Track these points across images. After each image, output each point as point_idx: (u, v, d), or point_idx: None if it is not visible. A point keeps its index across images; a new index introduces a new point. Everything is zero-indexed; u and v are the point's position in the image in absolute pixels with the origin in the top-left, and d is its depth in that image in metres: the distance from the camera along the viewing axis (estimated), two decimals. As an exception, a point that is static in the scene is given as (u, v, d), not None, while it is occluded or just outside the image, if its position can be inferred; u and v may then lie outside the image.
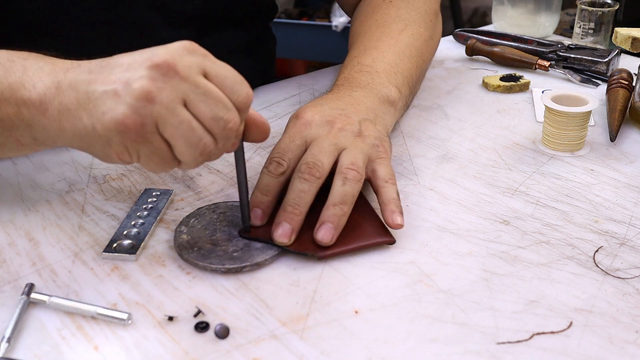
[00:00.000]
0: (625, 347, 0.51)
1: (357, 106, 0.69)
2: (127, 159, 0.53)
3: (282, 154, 0.63)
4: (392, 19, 0.83)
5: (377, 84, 0.74)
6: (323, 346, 0.50)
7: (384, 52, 0.79)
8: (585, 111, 0.77)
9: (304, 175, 0.60)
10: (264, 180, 0.62)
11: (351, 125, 0.65)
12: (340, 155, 0.63)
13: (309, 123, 0.65)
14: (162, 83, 0.50)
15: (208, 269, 0.58)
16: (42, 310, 0.54)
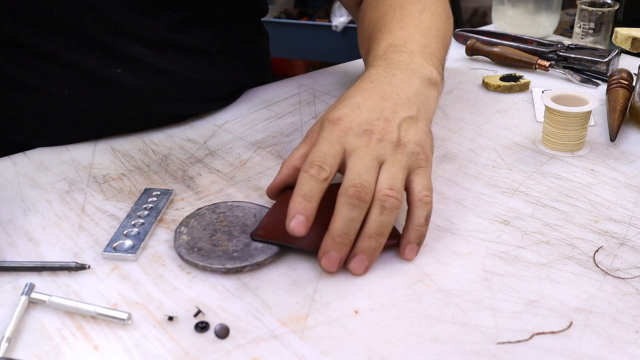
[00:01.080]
0: (625, 347, 0.51)
1: (399, 98, 0.65)
2: None
3: (323, 158, 0.58)
4: (408, 1, 0.80)
5: (416, 65, 0.69)
6: (323, 346, 0.50)
7: (412, 33, 0.74)
8: (585, 111, 0.77)
9: (353, 202, 0.57)
10: (306, 185, 0.57)
11: (390, 133, 0.61)
12: (380, 174, 0.59)
13: (348, 130, 0.60)
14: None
15: (208, 269, 0.58)
16: (42, 310, 0.54)
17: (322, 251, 0.57)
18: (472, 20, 3.24)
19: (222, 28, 0.87)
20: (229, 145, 0.80)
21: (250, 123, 0.86)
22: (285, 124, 0.86)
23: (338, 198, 0.57)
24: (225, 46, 0.88)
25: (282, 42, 1.36)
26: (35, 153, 0.78)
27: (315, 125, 0.65)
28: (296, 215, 0.56)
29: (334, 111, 0.62)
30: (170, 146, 0.80)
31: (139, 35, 0.79)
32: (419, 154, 0.62)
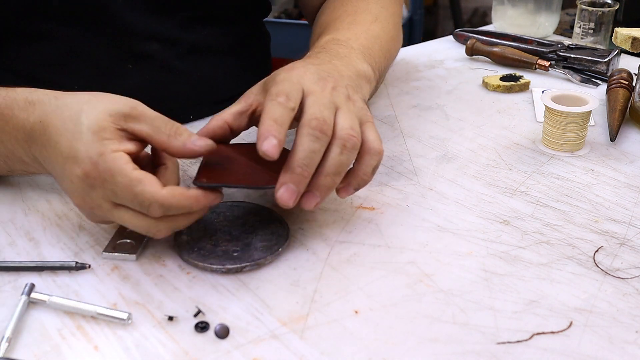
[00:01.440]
0: (625, 347, 0.51)
1: (339, 74, 0.66)
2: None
3: (288, 91, 0.58)
4: (362, 11, 0.82)
5: (353, 58, 0.71)
6: (323, 346, 0.50)
7: (358, 35, 0.77)
8: (585, 111, 0.77)
9: (315, 133, 0.56)
10: (276, 110, 0.57)
11: (341, 87, 0.62)
12: (337, 116, 0.59)
13: (303, 75, 0.61)
14: (98, 217, 0.58)
15: (208, 269, 0.58)
16: (42, 310, 0.54)
17: (280, 183, 0.56)
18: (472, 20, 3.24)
19: (228, 28, 0.88)
20: (229, 145, 0.80)
21: (250, 123, 0.86)
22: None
23: (299, 130, 0.57)
24: (231, 46, 0.90)
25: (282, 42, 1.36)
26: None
27: (254, 88, 0.65)
28: (269, 137, 0.55)
29: (285, 66, 0.63)
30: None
31: (152, 32, 0.80)
32: (366, 110, 0.63)
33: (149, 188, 0.53)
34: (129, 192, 0.53)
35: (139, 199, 0.53)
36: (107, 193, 0.54)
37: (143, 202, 0.53)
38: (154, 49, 0.81)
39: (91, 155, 0.53)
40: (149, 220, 0.55)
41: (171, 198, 0.54)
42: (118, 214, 0.55)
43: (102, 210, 0.56)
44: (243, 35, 0.92)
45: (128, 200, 0.54)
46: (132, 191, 0.53)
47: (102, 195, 0.54)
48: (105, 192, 0.54)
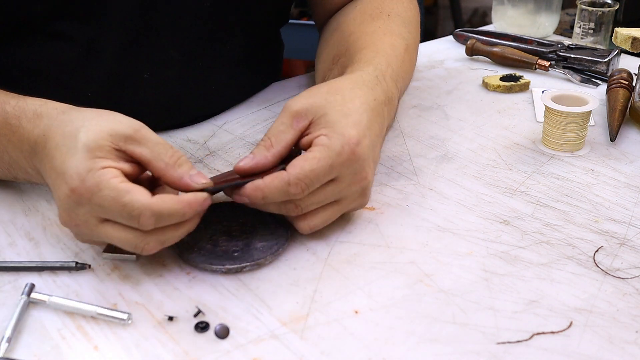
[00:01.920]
0: (625, 347, 0.51)
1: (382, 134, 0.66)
2: None
3: (311, 183, 0.57)
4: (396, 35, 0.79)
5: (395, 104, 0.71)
6: (323, 346, 0.50)
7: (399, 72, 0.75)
8: (585, 111, 0.77)
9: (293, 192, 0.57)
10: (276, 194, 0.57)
11: (368, 182, 0.61)
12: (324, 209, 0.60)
13: (352, 163, 0.59)
14: (80, 233, 0.56)
15: (208, 269, 0.58)
16: (42, 310, 0.54)
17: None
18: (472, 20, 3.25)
19: (249, 39, 0.88)
20: (229, 146, 0.80)
21: (250, 123, 0.86)
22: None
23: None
24: (248, 57, 0.90)
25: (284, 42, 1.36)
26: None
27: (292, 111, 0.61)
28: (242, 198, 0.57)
29: (350, 125, 0.60)
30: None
31: (174, 41, 0.79)
32: (362, 206, 0.64)
33: (138, 197, 0.52)
34: (117, 203, 0.52)
35: (128, 210, 0.52)
36: (94, 208, 0.53)
37: (132, 212, 0.52)
38: (173, 58, 0.80)
39: (80, 171, 0.53)
40: (136, 234, 0.54)
41: (162, 204, 0.53)
42: (104, 229, 0.54)
43: (88, 227, 0.54)
44: (261, 46, 0.92)
45: (116, 212, 0.52)
46: (121, 202, 0.52)
47: (88, 211, 0.53)
48: (92, 207, 0.53)
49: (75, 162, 0.53)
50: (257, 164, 0.59)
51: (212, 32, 0.82)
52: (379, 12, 0.82)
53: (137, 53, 0.77)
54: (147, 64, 0.78)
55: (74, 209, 0.54)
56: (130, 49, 0.77)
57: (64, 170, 0.53)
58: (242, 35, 0.86)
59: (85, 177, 0.52)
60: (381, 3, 0.84)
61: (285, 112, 0.61)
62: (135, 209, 0.52)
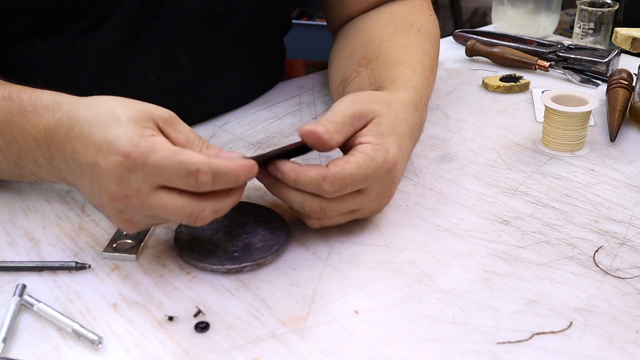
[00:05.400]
0: (625, 347, 0.51)
1: (411, 152, 0.67)
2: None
3: (346, 186, 0.57)
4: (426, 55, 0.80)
5: (423, 117, 0.72)
6: (323, 346, 0.50)
7: (428, 94, 0.76)
8: (585, 111, 0.77)
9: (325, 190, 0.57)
10: (307, 183, 0.57)
11: (389, 198, 0.63)
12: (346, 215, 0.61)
13: (381, 179, 0.60)
14: (129, 209, 0.54)
15: (208, 269, 0.58)
16: (42, 310, 0.54)
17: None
18: (472, 20, 3.25)
19: (255, 45, 0.88)
20: (229, 146, 0.80)
21: (250, 124, 0.86)
22: (285, 125, 0.86)
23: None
24: (254, 65, 0.90)
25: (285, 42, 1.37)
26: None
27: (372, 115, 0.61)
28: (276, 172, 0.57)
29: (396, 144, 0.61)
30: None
31: (185, 45, 0.79)
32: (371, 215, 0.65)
33: (192, 154, 0.52)
34: (174, 161, 0.51)
35: (185, 166, 0.51)
36: (148, 172, 0.51)
37: (190, 168, 0.51)
38: (182, 62, 0.80)
39: (131, 137, 0.52)
40: (191, 200, 0.53)
41: (217, 161, 0.52)
42: (158, 198, 0.52)
43: (139, 197, 0.52)
44: (266, 52, 0.92)
45: (174, 171, 0.51)
46: (178, 159, 0.51)
47: (142, 177, 0.52)
48: (146, 171, 0.51)
49: (123, 130, 0.52)
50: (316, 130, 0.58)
51: (221, 38, 0.82)
52: (410, 25, 0.83)
53: (144, 55, 0.77)
54: (155, 66, 0.78)
55: (125, 178, 0.52)
56: (138, 50, 0.77)
57: (110, 140, 0.52)
58: (250, 42, 0.87)
59: (138, 142, 0.52)
60: (411, 16, 0.84)
61: (347, 107, 0.61)
62: (193, 164, 0.51)
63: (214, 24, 0.80)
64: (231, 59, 0.85)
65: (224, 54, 0.84)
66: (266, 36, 0.90)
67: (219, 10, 0.79)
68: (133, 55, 0.77)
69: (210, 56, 0.82)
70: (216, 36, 0.81)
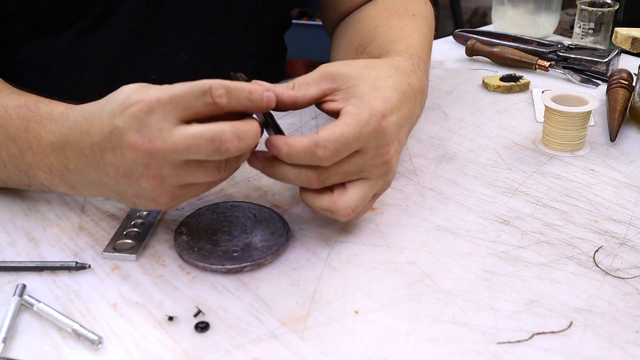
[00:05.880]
0: (625, 347, 0.51)
1: (412, 118, 0.65)
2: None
3: (340, 149, 0.56)
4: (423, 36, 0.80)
5: (425, 96, 0.70)
6: (323, 346, 0.50)
7: (427, 67, 0.75)
8: (585, 111, 0.77)
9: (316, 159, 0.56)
10: (302, 154, 0.56)
11: (392, 158, 0.60)
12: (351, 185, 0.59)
13: (377, 135, 0.58)
14: (155, 164, 0.52)
15: (208, 269, 0.58)
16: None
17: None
18: (472, 20, 3.25)
19: (256, 44, 0.88)
20: (229, 146, 0.80)
21: (250, 123, 0.86)
22: (285, 125, 0.86)
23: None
24: (256, 61, 0.90)
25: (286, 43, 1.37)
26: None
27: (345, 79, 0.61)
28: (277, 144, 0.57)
29: (379, 99, 0.59)
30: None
31: (186, 44, 0.79)
32: (384, 190, 0.63)
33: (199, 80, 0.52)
34: (186, 87, 0.52)
35: (198, 87, 0.52)
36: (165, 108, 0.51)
37: (203, 87, 0.52)
38: (182, 62, 0.80)
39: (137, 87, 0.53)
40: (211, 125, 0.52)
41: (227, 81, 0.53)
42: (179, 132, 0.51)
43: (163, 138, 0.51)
44: (267, 51, 0.92)
45: (188, 95, 0.52)
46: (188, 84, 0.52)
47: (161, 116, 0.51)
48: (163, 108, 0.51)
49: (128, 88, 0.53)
50: (277, 95, 0.58)
51: (222, 37, 0.82)
52: (404, 11, 0.83)
53: (145, 54, 0.78)
54: (156, 65, 0.79)
55: (144, 122, 0.51)
56: (139, 49, 0.77)
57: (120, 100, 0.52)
58: (251, 40, 0.87)
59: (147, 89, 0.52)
60: (405, 3, 0.84)
61: (317, 70, 0.61)
62: (205, 84, 0.52)
63: (215, 23, 0.80)
64: (232, 58, 0.85)
65: (225, 53, 0.84)
66: (266, 34, 0.90)
67: (220, 9, 0.79)
68: (134, 55, 0.77)
69: (211, 55, 0.82)
70: (217, 35, 0.82)
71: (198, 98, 0.52)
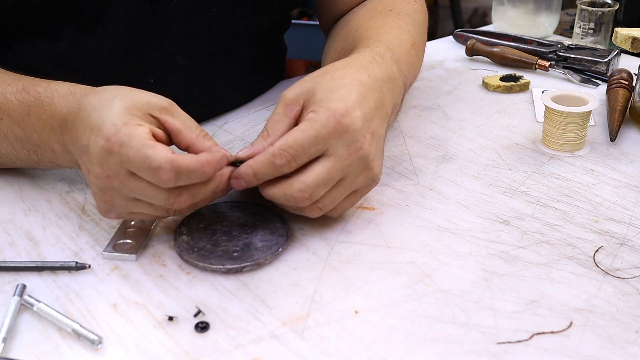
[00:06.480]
0: (625, 347, 0.51)
1: (384, 112, 0.64)
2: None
3: (298, 153, 0.57)
4: (404, 31, 0.80)
5: (399, 84, 0.69)
6: (323, 346, 0.50)
7: (402, 58, 0.75)
8: (585, 111, 0.77)
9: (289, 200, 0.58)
10: (266, 169, 0.58)
11: (369, 153, 0.60)
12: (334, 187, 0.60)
13: (342, 134, 0.58)
14: (110, 190, 0.56)
15: (208, 269, 0.58)
16: (42, 310, 0.54)
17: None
18: (472, 20, 3.25)
19: (254, 45, 0.88)
20: (229, 146, 0.80)
21: (250, 123, 0.86)
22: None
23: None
24: (254, 65, 0.90)
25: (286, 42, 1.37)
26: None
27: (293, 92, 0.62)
28: (240, 181, 0.59)
29: (336, 99, 0.59)
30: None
31: (181, 47, 0.79)
32: (370, 186, 0.63)
33: (160, 150, 0.54)
34: (140, 154, 0.54)
35: (149, 162, 0.53)
36: (122, 159, 0.54)
37: (152, 165, 0.53)
38: (179, 64, 0.80)
39: (116, 122, 0.55)
40: (164, 190, 0.55)
41: (180, 159, 0.54)
42: (134, 182, 0.55)
43: (119, 179, 0.55)
44: (266, 51, 0.92)
45: (139, 162, 0.54)
46: (144, 153, 0.54)
47: (118, 162, 0.54)
48: (121, 158, 0.54)
49: (113, 115, 0.56)
50: (254, 152, 0.60)
51: (218, 38, 0.82)
52: (389, 10, 0.83)
53: (142, 58, 0.77)
54: (153, 69, 0.78)
55: (106, 159, 0.55)
56: (135, 53, 0.77)
57: (101, 123, 0.55)
58: (248, 41, 0.86)
59: (120, 128, 0.55)
60: (392, 2, 0.84)
61: (279, 102, 0.62)
62: (156, 161, 0.53)
63: (211, 25, 0.80)
64: (230, 59, 0.85)
65: (222, 55, 0.84)
66: (264, 35, 0.90)
67: (215, 11, 0.79)
68: (131, 59, 0.77)
69: (208, 57, 0.82)
70: (213, 37, 0.81)
71: (146, 171, 0.54)
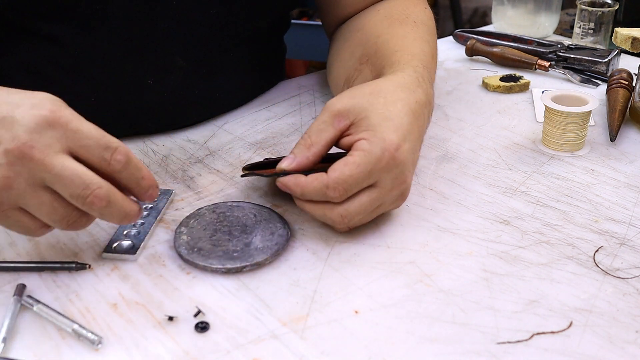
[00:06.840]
0: (625, 347, 0.51)
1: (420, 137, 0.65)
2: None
3: (350, 187, 0.58)
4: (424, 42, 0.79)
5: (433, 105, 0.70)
6: (323, 346, 0.50)
7: (432, 76, 0.75)
8: (585, 111, 0.77)
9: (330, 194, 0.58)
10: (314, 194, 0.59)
11: (407, 185, 0.62)
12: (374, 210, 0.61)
13: (391, 168, 0.59)
14: (19, 167, 0.51)
15: (208, 269, 0.58)
16: (42, 310, 0.54)
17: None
18: (472, 20, 3.25)
19: (253, 46, 0.88)
20: (229, 146, 0.80)
21: (250, 124, 0.86)
22: (285, 125, 0.86)
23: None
24: (254, 65, 0.90)
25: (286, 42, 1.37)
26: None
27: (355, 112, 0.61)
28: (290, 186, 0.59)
29: (391, 130, 0.60)
30: (171, 146, 0.80)
31: (180, 48, 0.79)
32: (398, 206, 0.64)
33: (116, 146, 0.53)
34: (98, 132, 0.52)
35: (107, 139, 0.52)
36: (66, 134, 0.51)
37: (111, 144, 0.52)
38: (178, 65, 0.80)
39: (59, 102, 0.53)
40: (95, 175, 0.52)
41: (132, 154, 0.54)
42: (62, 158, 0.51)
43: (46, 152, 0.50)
44: (265, 52, 0.92)
45: (94, 140, 0.52)
46: (101, 132, 0.52)
47: (58, 137, 0.51)
48: (65, 132, 0.51)
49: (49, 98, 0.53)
50: (298, 165, 0.60)
51: (217, 39, 0.82)
52: (405, 18, 0.82)
53: (140, 59, 0.77)
54: (152, 70, 0.78)
55: (40, 130, 0.51)
56: (134, 54, 0.77)
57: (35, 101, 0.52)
58: (247, 42, 0.86)
59: (66, 108, 0.52)
60: (405, 9, 0.84)
61: (326, 111, 0.62)
62: (115, 142, 0.53)
63: (209, 26, 0.80)
64: (229, 60, 0.85)
65: (221, 56, 0.84)
66: (264, 36, 0.90)
67: (214, 11, 0.79)
68: (129, 60, 0.77)
69: (207, 58, 0.82)
70: (212, 38, 0.81)
71: (100, 147, 0.52)
